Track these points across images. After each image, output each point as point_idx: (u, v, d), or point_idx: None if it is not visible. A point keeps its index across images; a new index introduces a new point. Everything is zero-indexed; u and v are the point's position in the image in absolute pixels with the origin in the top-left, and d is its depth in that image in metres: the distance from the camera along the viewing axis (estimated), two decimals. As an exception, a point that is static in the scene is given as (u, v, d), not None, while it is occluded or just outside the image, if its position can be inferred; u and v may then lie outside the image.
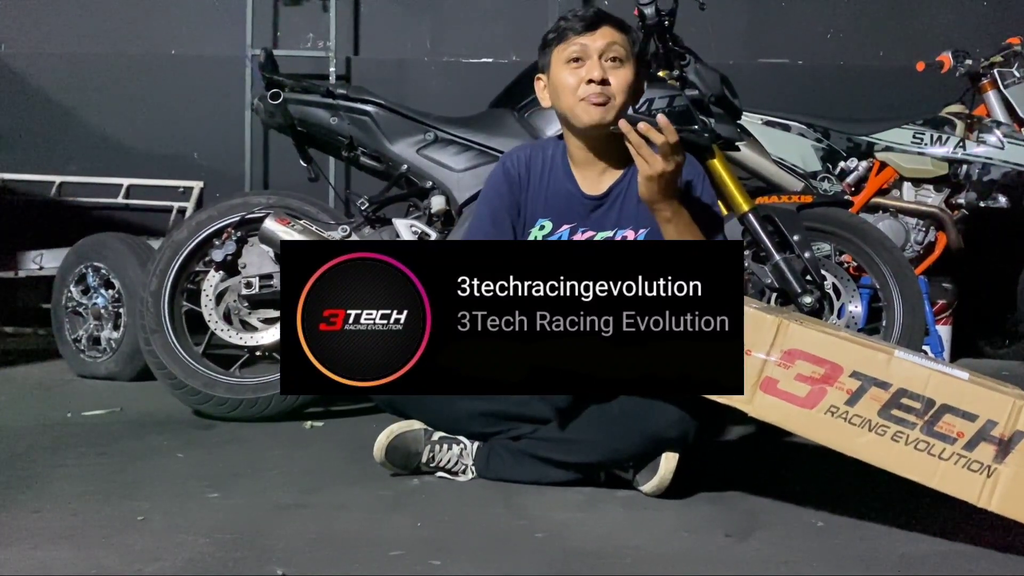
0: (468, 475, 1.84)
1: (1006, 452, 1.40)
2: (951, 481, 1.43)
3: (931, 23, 4.15)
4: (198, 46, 4.18)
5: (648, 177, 1.68)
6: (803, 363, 1.50)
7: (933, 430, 1.44)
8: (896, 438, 1.45)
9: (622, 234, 1.86)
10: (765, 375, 1.51)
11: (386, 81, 3.97)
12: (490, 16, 4.23)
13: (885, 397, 1.46)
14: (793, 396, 1.50)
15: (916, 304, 2.59)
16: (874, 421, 1.46)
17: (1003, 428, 1.41)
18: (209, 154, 4.14)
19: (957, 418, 1.43)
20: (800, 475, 1.95)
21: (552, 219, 1.89)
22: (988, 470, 1.41)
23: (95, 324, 3.08)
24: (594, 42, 1.80)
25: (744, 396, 1.52)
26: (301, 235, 2.38)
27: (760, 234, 2.44)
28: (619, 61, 1.81)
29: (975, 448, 1.42)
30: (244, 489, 1.78)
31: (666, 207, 1.72)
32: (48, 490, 1.74)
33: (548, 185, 1.91)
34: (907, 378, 1.46)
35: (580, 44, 1.81)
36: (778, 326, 1.52)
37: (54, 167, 4.03)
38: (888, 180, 3.36)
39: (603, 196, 1.87)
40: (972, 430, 1.42)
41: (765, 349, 1.51)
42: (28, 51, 4.17)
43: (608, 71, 1.80)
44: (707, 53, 2.58)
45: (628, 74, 1.82)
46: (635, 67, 1.84)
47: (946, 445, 1.43)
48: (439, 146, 2.54)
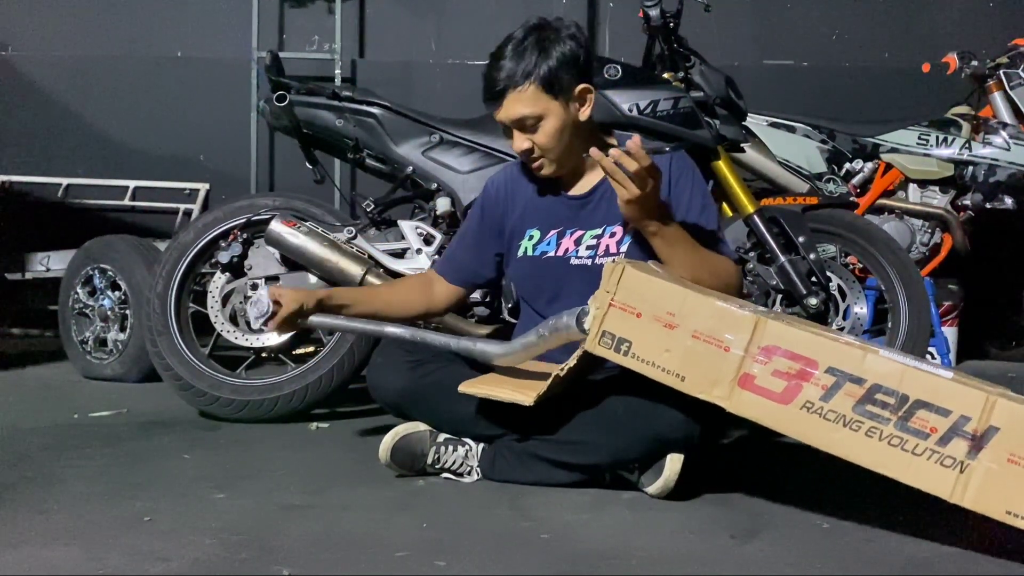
0: (473, 476, 1.84)
1: (979, 448, 1.39)
2: (924, 477, 1.42)
3: (937, 24, 4.15)
4: (204, 49, 4.20)
5: (626, 201, 1.68)
6: (780, 359, 1.51)
7: (907, 425, 1.43)
8: (870, 433, 1.45)
9: (610, 231, 1.86)
10: (743, 371, 1.52)
11: (391, 83, 3.99)
12: (495, 18, 4.23)
13: (860, 392, 1.46)
14: (770, 392, 1.50)
15: (922, 306, 2.58)
16: (848, 417, 1.46)
17: (976, 424, 1.40)
18: (215, 156, 4.16)
19: (931, 413, 1.42)
20: (805, 476, 1.95)
21: (540, 227, 1.91)
22: (961, 465, 1.40)
23: (101, 326, 3.09)
24: (503, 115, 1.80)
25: (723, 392, 1.52)
26: (307, 237, 2.38)
27: (765, 235, 2.44)
28: (532, 125, 1.79)
29: (948, 444, 1.41)
30: (250, 490, 1.78)
31: (653, 224, 1.71)
32: (55, 491, 1.75)
33: (533, 195, 1.93)
34: (881, 374, 1.46)
35: (498, 118, 1.82)
36: (755, 323, 1.53)
37: (61, 169, 4.06)
38: (894, 181, 3.35)
39: (588, 195, 1.89)
40: (945, 425, 1.41)
41: (743, 346, 1.52)
42: (35, 54, 4.19)
43: (529, 134, 1.80)
44: (712, 55, 2.58)
45: (548, 127, 1.79)
46: (558, 107, 1.78)
47: (919, 440, 1.42)
48: (444, 148, 2.54)
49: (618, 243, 1.84)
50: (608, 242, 1.85)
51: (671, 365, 1.55)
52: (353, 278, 2.37)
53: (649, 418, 1.68)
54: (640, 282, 1.59)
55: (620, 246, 1.84)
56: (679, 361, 1.55)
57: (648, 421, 1.69)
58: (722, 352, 1.53)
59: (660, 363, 1.56)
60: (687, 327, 1.55)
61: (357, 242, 2.44)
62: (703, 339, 1.54)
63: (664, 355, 1.55)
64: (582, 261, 1.86)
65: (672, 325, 1.55)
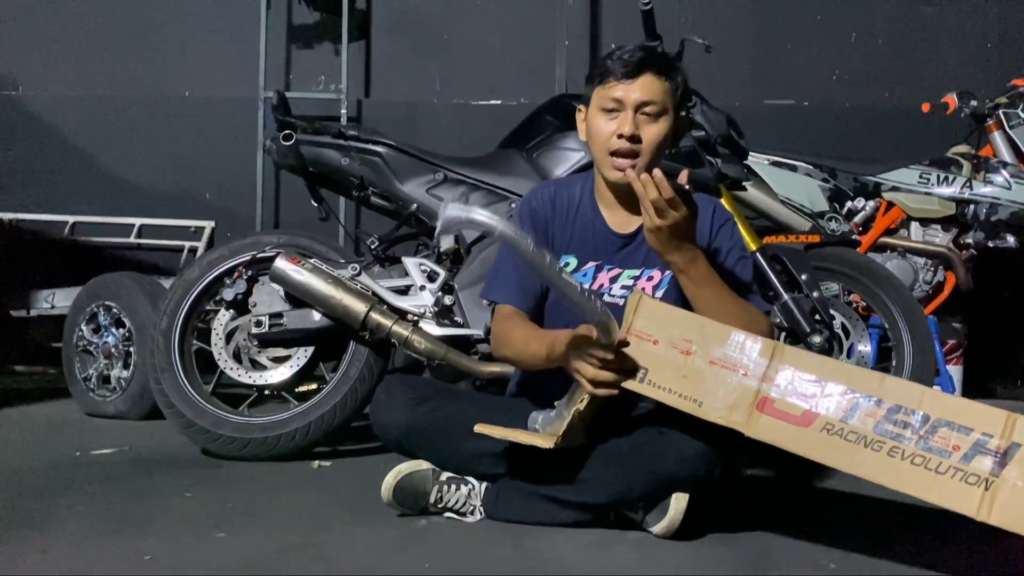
0: (476, 516, 1.82)
1: (1003, 464, 1.38)
2: (949, 495, 1.40)
3: (936, 65, 4.19)
4: (212, 88, 4.26)
5: (648, 229, 1.67)
6: (799, 382, 1.50)
7: (929, 444, 1.42)
8: (892, 453, 1.44)
9: (648, 273, 1.83)
10: (761, 395, 1.51)
11: (397, 123, 4.03)
12: (499, 59, 4.30)
13: (880, 413, 1.46)
14: (789, 415, 1.50)
15: (926, 344, 2.58)
16: (869, 437, 1.45)
17: (999, 440, 1.39)
18: (221, 194, 4.19)
19: (952, 432, 1.42)
20: (812, 515, 1.93)
21: (577, 256, 1.87)
22: (986, 483, 1.39)
23: (105, 363, 3.09)
24: (631, 93, 1.76)
25: (741, 417, 1.52)
26: (311, 274, 2.39)
27: (768, 273, 2.45)
28: (654, 115, 1.77)
29: (971, 461, 1.40)
30: (251, 529, 1.77)
31: (677, 257, 1.68)
32: (55, 529, 1.74)
33: (574, 222, 1.88)
34: (900, 394, 1.46)
35: (618, 93, 1.77)
36: (773, 348, 1.53)
37: (68, 207, 4.09)
38: (895, 220, 3.36)
39: (632, 235, 1.84)
40: (968, 443, 1.40)
41: (761, 370, 1.52)
42: (44, 93, 4.25)
43: (641, 125, 1.76)
44: (713, 95, 2.61)
45: (662, 128, 1.78)
46: (672, 117, 1.79)
47: (942, 459, 1.41)
48: (449, 186, 2.56)
49: (655, 287, 1.82)
50: (644, 285, 1.82)
51: (688, 391, 1.55)
52: (357, 315, 2.37)
53: (654, 456, 1.67)
54: (657, 310, 1.60)
55: (656, 291, 1.81)
56: (696, 387, 1.54)
57: (653, 459, 1.67)
58: (740, 377, 1.53)
59: (677, 389, 1.55)
60: (704, 354, 1.55)
61: (361, 279, 2.45)
62: (720, 364, 1.54)
63: (681, 381, 1.55)
64: (614, 300, 1.81)
65: (689, 352, 1.55)
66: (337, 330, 2.43)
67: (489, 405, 1.91)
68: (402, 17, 4.31)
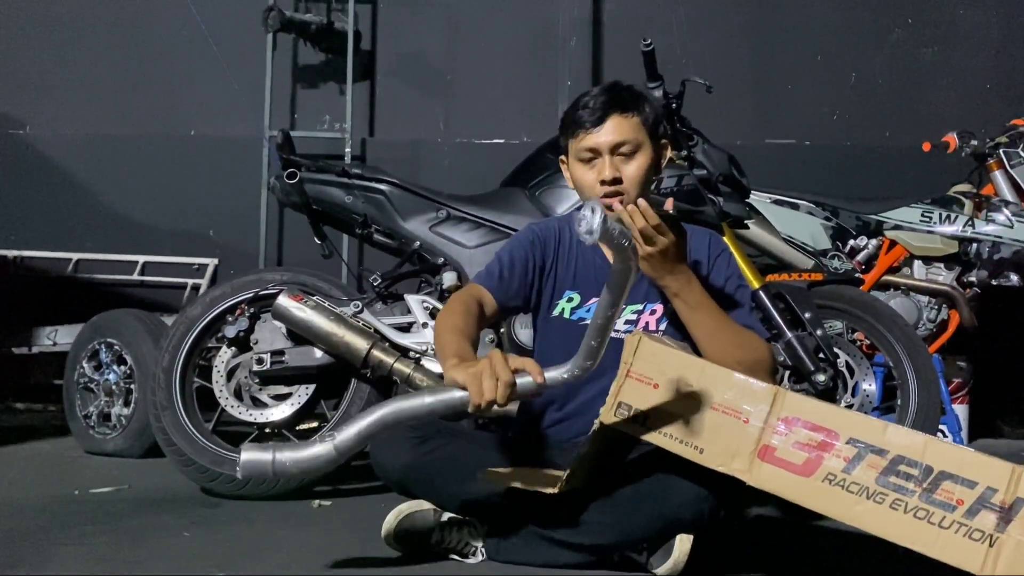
0: (478, 557, 1.80)
1: (1008, 520, 1.35)
2: (952, 551, 1.37)
3: (936, 105, 4.23)
4: (217, 127, 4.29)
5: (641, 258, 1.69)
6: (800, 430, 1.48)
7: (932, 497, 1.40)
8: (895, 506, 1.41)
9: (651, 307, 1.85)
10: (763, 443, 1.49)
11: (400, 161, 4.06)
12: (501, 98, 4.34)
13: (883, 464, 1.43)
14: (791, 464, 1.48)
15: (931, 382, 2.56)
16: (872, 488, 1.43)
17: (1003, 495, 1.36)
18: (225, 232, 4.21)
19: (956, 485, 1.39)
20: (818, 557, 1.91)
21: (580, 292, 1.89)
22: (990, 539, 1.36)
23: (106, 400, 3.08)
24: (602, 138, 1.80)
25: (743, 465, 1.50)
26: (313, 311, 2.39)
27: (771, 311, 2.44)
28: (629, 153, 1.81)
29: (976, 516, 1.37)
30: (250, 569, 1.75)
31: (671, 282, 1.73)
32: (52, 569, 1.71)
33: (577, 257, 1.91)
34: (904, 445, 1.44)
35: (590, 143, 1.81)
36: (775, 394, 1.51)
37: (72, 244, 4.11)
38: (898, 258, 3.36)
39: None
40: (972, 497, 1.38)
41: (763, 417, 1.50)
42: (51, 132, 4.29)
43: (620, 166, 1.80)
44: (715, 134, 2.62)
45: (641, 163, 1.82)
46: (649, 148, 1.84)
47: (946, 513, 1.39)
48: (451, 223, 2.58)
49: (658, 320, 1.84)
50: (648, 319, 1.84)
51: (689, 437, 1.52)
52: (359, 352, 2.36)
53: (658, 497, 1.65)
54: (658, 352, 1.58)
55: (659, 324, 1.83)
56: (698, 433, 1.52)
57: (657, 500, 1.65)
58: (741, 424, 1.51)
59: (678, 435, 1.53)
60: (706, 399, 1.53)
61: (363, 316, 2.45)
62: (722, 410, 1.52)
63: (682, 427, 1.53)
64: (618, 335, 1.79)
65: (690, 396, 1.54)
66: (339, 367, 2.43)
67: (490, 445, 1.90)
68: (406, 58, 4.37)
